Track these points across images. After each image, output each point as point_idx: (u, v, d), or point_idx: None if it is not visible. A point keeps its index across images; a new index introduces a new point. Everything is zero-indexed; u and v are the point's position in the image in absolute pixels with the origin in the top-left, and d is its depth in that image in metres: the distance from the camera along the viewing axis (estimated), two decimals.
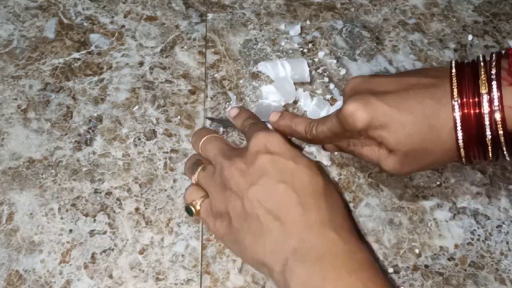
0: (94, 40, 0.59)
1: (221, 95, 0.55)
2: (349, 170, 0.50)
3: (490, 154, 0.41)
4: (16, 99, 0.54)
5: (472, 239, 0.47)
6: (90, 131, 0.52)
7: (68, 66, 0.57)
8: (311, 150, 0.51)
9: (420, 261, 0.46)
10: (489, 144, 0.40)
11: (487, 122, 0.39)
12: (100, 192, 0.49)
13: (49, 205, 0.48)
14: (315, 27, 0.61)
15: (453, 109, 0.40)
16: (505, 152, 0.41)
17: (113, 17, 0.61)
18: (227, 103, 0.54)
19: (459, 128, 0.40)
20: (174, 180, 0.49)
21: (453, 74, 0.41)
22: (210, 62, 0.58)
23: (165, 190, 0.49)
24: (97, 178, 0.49)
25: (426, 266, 0.45)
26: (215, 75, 0.57)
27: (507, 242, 0.47)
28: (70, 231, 0.46)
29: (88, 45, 0.59)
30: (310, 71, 0.56)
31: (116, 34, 0.60)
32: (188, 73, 0.57)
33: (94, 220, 0.47)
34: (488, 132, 0.40)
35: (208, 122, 0.53)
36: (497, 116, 0.39)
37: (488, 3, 0.64)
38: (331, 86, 0.56)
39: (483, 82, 0.40)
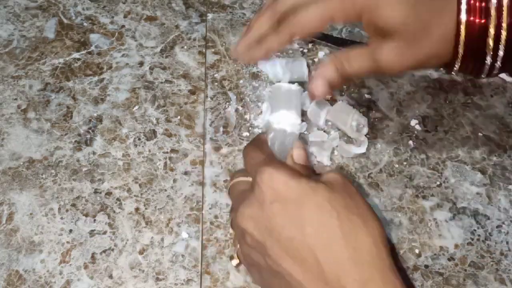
0: (94, 40, 0.59)
1: (221, 95, 0.55)
2: (349, 170, 0.50)
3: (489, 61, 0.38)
4: (16, 99, 0.54)
5: (472, 239, 0.47)
6: (90, 131, 0.52)
7: (68, 66, 0.57)
8: (312, 150, 0.51)
9: (420, 261, 0.46)
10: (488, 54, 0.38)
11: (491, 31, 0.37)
12: (100, 192, 0.49)
13: (49, 205, 0.48)
14: None
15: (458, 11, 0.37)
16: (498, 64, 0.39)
17: (113, 17, 0.61)
18: (227, 103, 0.54)
19: (462, 33, 0.38)
20: (174, 180, 0.49)
21: None
22: (210, 62, 0.58)
23: (165, 190, 0.49)
24: (97, 178, 0.49)
25: (426, 266, 0.45)
26: (215, 75, 0.57)
27: (507, 242, 0.47)
28: (70, 231, 0.46)
29: (88, 45, 0.59)
30: (310, 71, 0.56)
31: (116, 34, 0.60)
32: (188, 73, 0.57)
33: (94, 220, 0.47)
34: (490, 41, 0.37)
35: (208, 124, 0.53)
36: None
37: None
38: None
39: None
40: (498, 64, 0.39)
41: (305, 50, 0.58)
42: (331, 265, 0.34)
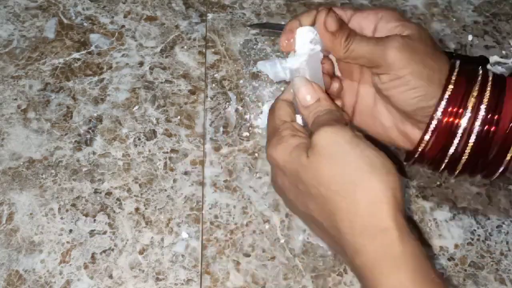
0: (94, 40, 0.59)
1: (221, 95, 0.55)
2: None
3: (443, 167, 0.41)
4: (16, 99, 0.54)
5: (472, 239, 0.47)
6: (90, 131, 0.52)
7: (68, 66, 0.57)
8: None
9: None
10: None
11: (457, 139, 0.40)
12: (100, 192, 0.49)
13: (49, 205, 0.48)
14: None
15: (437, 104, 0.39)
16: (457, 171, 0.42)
17: (113, 17, 0.61)
18: (227, 103, 0.54)
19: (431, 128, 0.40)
20: (174, 180, 0.49)
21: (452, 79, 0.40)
22: (210, 62, 0.58)
23: (165, 190, 0.49)
24: (97, 178, 0.49)
25: None
26: (215, 75, 0.57)
27: (507, 242, 0.47)
28: (70, 231, 0.46)
29: (88, 45, 0.59)
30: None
31: (116, 34, 0.60)
32: (188, 73, 0.57)
33: (94, 220, 0.47)
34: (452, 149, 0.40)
35: (208, 124, 0.53)
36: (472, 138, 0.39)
37: (488, 3, 0.64)
38: None
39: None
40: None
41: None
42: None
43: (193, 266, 0.45)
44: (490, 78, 0.40)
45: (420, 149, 0.41)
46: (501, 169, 0.41)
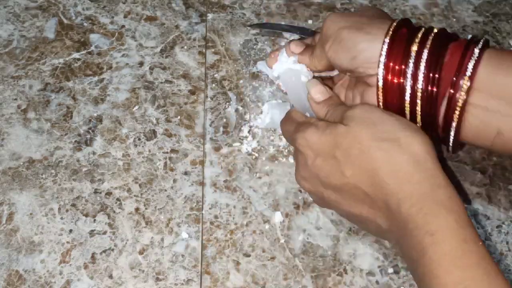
0: (94, 40, 0.59)
1: (221, 95, 0.55)
2: None
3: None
4: (16, 99, 0.54)
5: None
6: (90, 131, 0.52)
7: (68, 66, 0.57)
8: None
9: None
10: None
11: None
12: (100, 192, 0.49)
13: (49, 205, 0.48)
14: (315, 27, 0.61)
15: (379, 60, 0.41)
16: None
17: (113, 17, 0.61)
18: (227, 103, 0.54)
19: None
20: (174, 180, 0.49)
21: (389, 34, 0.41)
22: (210, 62, 0.58)
23: (165, 190, 0.49)
24: (97, 178, 0.49)
25: None
26: (215, 75, 0.57)
27: (507, 242, 0.47)
28: (70, 231, 0.46)
29: (88, 45, 0.59)
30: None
31: (116, 34, 0.60)
32: (188, 73, 0.57)
33: (94, 220, 0.47)
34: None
35: (208, 124, 0.53)
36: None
37: (488, 3, 0.64)
38: None
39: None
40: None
41: None
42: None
43: (193, 266, 0.45)
44: (433, 34, 0.41)
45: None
46: (451, 134, 0.41)
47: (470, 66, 0.38)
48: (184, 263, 0.45)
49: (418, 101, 0.40)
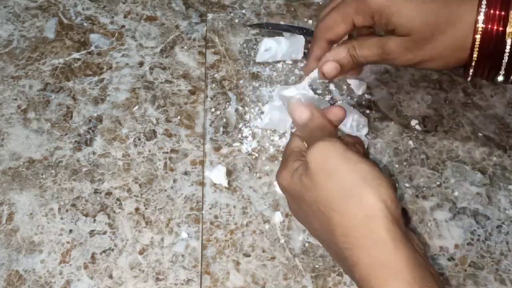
0: (94, 40, 0.59)
1: (221, 95, 0.55)
2: None
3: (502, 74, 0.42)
4: (16, 99, 0.54)
5: (472, 239, 0.47)
6: (90, 131, 0.52)
7: (68, 66, 0.57)
8: None
9: None
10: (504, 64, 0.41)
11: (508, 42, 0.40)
12: (100, 192, 0.49)
13: (49, 205, 0.48)
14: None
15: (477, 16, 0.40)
16: None
17: (113, 17, 0.61)
18: (227, 103, 0.54)
19: (478, 39, 0.40)
20: (174, 180, 0.49)
21: None
22: (210, 62, 0.58)
23: (165, 190, 0.49)
24: (97, 178, 0.49)
25: None
26: (215, 75, 0.57)
27: (507, 242, 0.47)
28: (70, 231, 0.46)
29: (88, 45, 0.59)
30: (305, 52, 0.57)
31: (116, 34, 0.60)
32: (188, 73, 0.57)
33: (94, 220, 0.47)
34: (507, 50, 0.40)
35: (208, 124, 0.53)
36: None
37: None
38: (331, 86, 0.56)
39: None
40: None
41: (305, 51, 0.58)
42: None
43: (193, 266, 0.45)
44: None
45: (471, 69, 0.42)
46: None
47: None
48: (184, 263, 0.45)
49: None
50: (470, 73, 0.43)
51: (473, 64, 0.42)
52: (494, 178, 0.50)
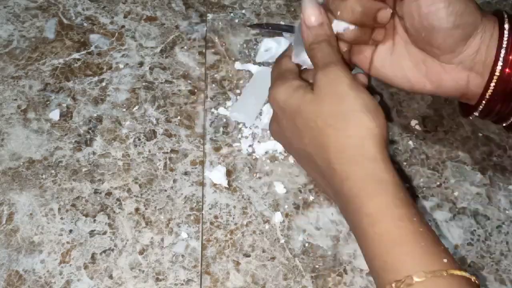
0: (94, 41, 0.59)
1: (221, 95, 0.55)
2: None
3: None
4: (16, 99, 0.54)
5: (472, 240, 0.47)
6: (90, 131, 0.52)
7: (68, 66, 0.57)
8: None
9: None
10: None
11: None
12: (100, 193, 0.49)
13: (49, 205, 0.48)
14: None
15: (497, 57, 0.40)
16: None
17: (113, 17, 0.61)
18: (227, 103, 0.54)
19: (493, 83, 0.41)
20: (174, 181, 0.49)
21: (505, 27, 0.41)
22: (210, 62, 0.58)
23: (165, 190, 0.49)
24: (97, 178, 0.49)
25: None
26: (215, 75, 0.57)
27: (507, 242, 0.47)
28: (70, 231, 0.46)
29: (88, 45, 0.59)
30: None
31: (116, 34, 0.60)
32: (188, 73, 0.57)
33: (94, 220, 0.47)
34: None
35: (208, 124, 0.53)
36: None
37: (488, 3, 0.64)
38: None
39: None
40: None
41: None
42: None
43: (193, 266, 0.45)
44: None
45: (481, 106, 0.43)
46: None
47: None
48: (184, 263, 0.45)
49: None
50: (478, 110, 0.43)
51: (483, 102, 0.42)
52: (494, 178, 0.50)
